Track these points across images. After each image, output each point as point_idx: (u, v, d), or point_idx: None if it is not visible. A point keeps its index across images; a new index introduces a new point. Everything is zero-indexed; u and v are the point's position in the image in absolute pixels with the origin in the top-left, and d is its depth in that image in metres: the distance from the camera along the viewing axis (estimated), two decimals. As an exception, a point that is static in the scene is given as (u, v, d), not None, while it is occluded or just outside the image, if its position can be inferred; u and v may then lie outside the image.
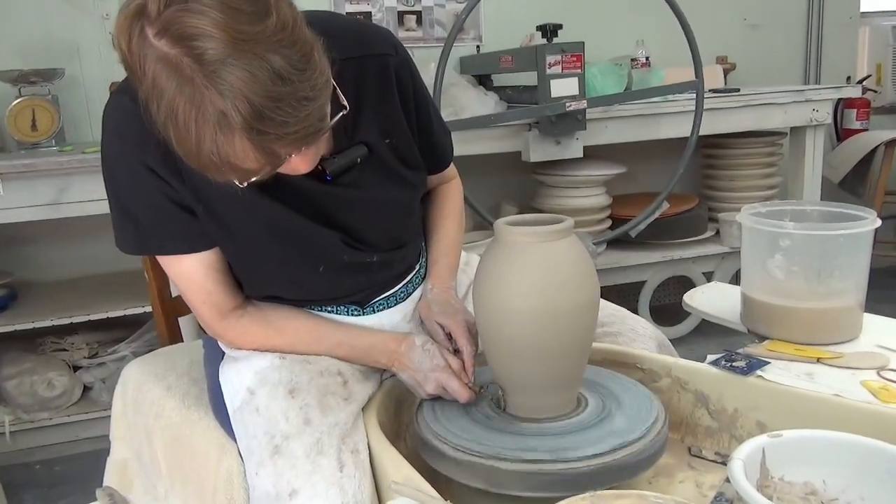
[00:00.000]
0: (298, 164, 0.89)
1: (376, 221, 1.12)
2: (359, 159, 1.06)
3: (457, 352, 1.12)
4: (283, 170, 0.90)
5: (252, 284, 1.12)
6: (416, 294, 1.23)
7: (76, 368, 2.51)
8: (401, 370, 1.10)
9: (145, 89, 0.79)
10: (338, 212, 1.08)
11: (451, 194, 1.34)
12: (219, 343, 1.18)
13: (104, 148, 1.02)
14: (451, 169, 1.34)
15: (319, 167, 1.01)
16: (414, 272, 1.23)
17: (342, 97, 0.92)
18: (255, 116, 0.76)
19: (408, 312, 1.22)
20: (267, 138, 0.79)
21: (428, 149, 1.20)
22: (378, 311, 1.19)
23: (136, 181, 1.00)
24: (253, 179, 0.87)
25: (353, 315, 1.18)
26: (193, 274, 1.07)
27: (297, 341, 1.11)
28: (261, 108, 0.76)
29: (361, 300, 1.18)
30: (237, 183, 0.87)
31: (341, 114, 0.90)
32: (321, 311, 1.17)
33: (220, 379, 1.12)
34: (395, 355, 1.10)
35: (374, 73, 1.08)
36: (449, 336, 1.15)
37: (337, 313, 1.17)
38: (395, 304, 1.20)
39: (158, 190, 1.00)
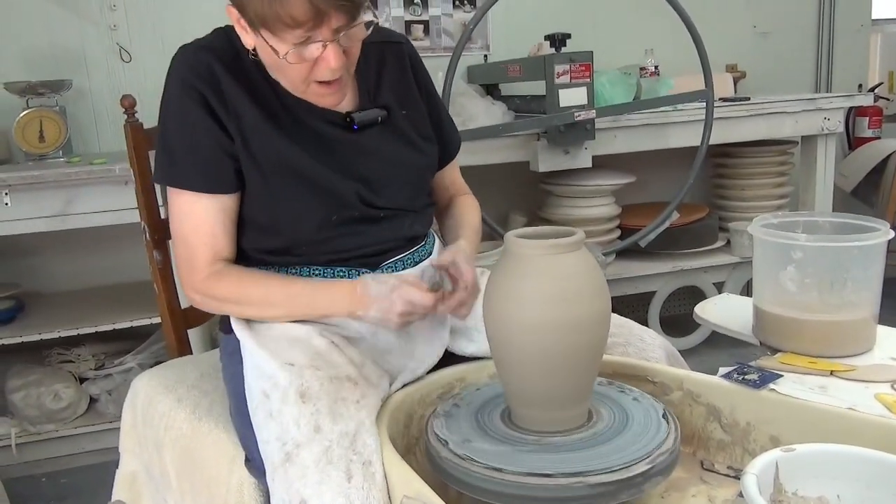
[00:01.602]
0: (330, 56, 1.05)
1: (391, 176, 1.23)
2: (379, 118, 1.23)
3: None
4: (314, 73, 1.08)
5: (273, 232, 1.19)
6: (425, 264, 1.26)
7: (82, 380, 2.51)
8: (367, 309, 1.13)
9: None
10: (358, 161, 1.20)
11: (470, 208, 1.42)
12: (236, 330, 1.19)
13: (165, 92, 1.16)
14: (464, 185, 1.47)
15: (347, 118, 1.20)
16: (421, 244, 1.29)
17: (375, 12, 1.12)
18: None
19: (414, 279, 1.23)
20: None
21: (439, 138, 1.34)
22: (386, 272, 1.22)
23: (185, 113, 1.13)
24: (292, 49, 1.04)
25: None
26: (206, 215, 1.16)
27: (269, 288, 1.18)
28: None
29: (370, 263, 1.23)
30: (278, 53, 1.05)
31: (374, 21, 1.10)
32: (334, 274, 1.21)
33: (245, 385, 1.14)
34: (356, 297, 1.14)
35: (392, 55, 1.29)
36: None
37: (348, 276, 1.21)
38: (403, 269, 1.25)
39: (206, 127, 1.13)
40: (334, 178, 1.17)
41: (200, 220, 1.16)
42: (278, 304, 1.17)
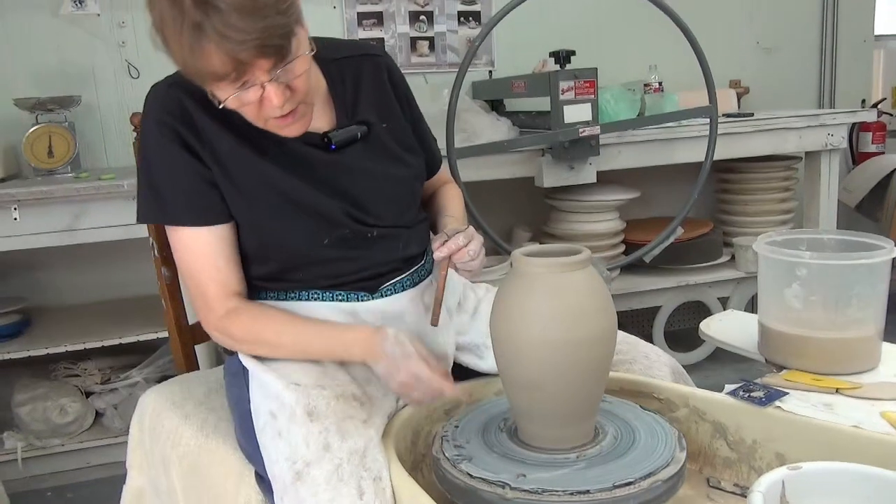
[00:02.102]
0: (271, 95, 1.02)
1: (377, 192, 1.22)
2: (359, 134, 1.21)
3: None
4: (265, 109, 1.05)
5: (266, 257, 1.18)
6: (424, 283, 1.27)
7: (88, 394, 2.52)
8: (375, 361, 1.11)
9: (153, 15, 0.98)
10: (341, 180, 1.19)
11: (449, 187, 1.44)
12: (243, 360, 1.19)
13: (141, 131, 1.16)
14: (449, 176, 1.49)
15: (325, 139, 1.18)
16: (419, 264, 1.28)
17: (312, 44, 1.07)
18: (222, 24, 0.93)
19: (415, 297, 1.25)
20: (230, 43, 0.95)
21: (422, 145, 1.33)
22: (386, 296, 1.22)
23: (166, 155, 1.13)
24: (231, 96, 1.02)
25: (362, 301, 1.21)
26: (207, 248, 1.15)
27: (282, 332, 1.15)
28: (228, 17, 0.93)
29: (369, 287, 1.22)
30: (218, 100, 1.04)
31: (311, 52, 1.06)
32: (333, 298, 1.20)
33: (251, 404, 1.15)
34: (369, 344, 1.11)
35: (370, 67, 1.27)
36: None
37: (347, 300, 1.21)
38: (403, 290, 1.24)
39: (188, 163, 1.13)
40: (319, 197, 1.16)
41: (202, 253, 1.16)
42: (289, 347, 1.15)
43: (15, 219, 2.14)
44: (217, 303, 1.16)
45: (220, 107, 1.05)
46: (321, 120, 1.20)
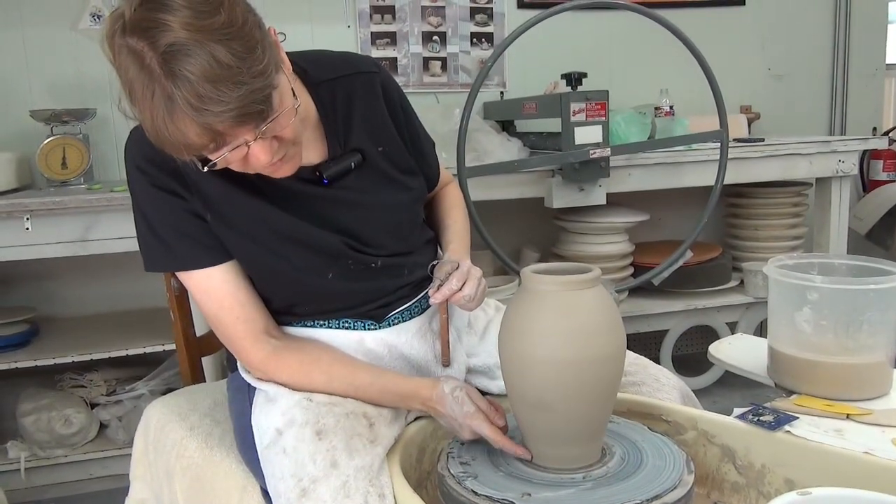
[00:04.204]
0: (258, 152, 0.97)
1: (376, 223, 1.18)
2: (353, 164, 1.16)
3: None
4: (251, 164, 0.99)
5: (271, 293, 1.16)
6: (432, 310, 1.25)
7: (93, 405, 2.52)
8: (437, 417, 1.12)
9: (121, 80, 0.91)
10: (338, 215, 1.15)
11: (450, 190, 1.43)
12: (245, 377, 1.18)
13: (127, 176, 1.13)
14: (448, 175, 1.45)
15: (317, 173, 1.13)
16: (428, 289, 1.25)
17: (296, 94, 1.00)
18: (195, 96, 0.87)
19: (422, 326, 1.23)
20: (206, 115, 0.88)
21: (421, 162, 1.29)
22: (393, 324, 1.21)
23: (157, 202, 1.09)
24: (211, 163, 0.96)
25: (368, 329, 1.20)
26: (225, 285, 1.12)
27: (333, 376, 1.13)
28: (199, 88, 0.86)
29: (376, 315, 1.20)
30: (198, 165, 0.97)
31: (296, 105, 0.99)
32: (339, 325, 1.19)
33: (252, 419, 1.14)
34: (429, 402, 1.11)
35: (362, 88, 1.20)
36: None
37: (354, 328, 1.19)
38: (410, 318, 1.23)
39: (179, 207, 1.09)
40: (317, 232, 1.13)
41: (222, 293, 1.12)
42: (340, 392, 1.13)
43: (27, 228, 2.15)
44: (252, 344, 1.14)
45: (205, 170, 0.98)
46: (313, 152, 1.15)
